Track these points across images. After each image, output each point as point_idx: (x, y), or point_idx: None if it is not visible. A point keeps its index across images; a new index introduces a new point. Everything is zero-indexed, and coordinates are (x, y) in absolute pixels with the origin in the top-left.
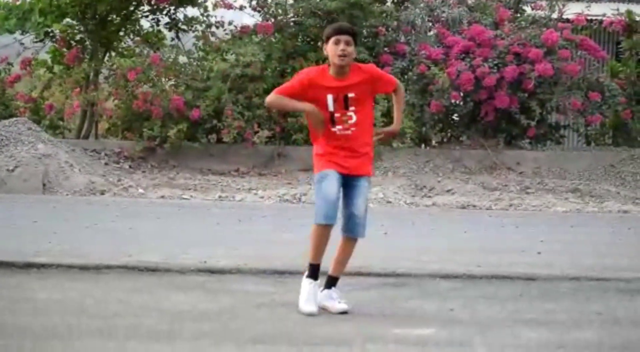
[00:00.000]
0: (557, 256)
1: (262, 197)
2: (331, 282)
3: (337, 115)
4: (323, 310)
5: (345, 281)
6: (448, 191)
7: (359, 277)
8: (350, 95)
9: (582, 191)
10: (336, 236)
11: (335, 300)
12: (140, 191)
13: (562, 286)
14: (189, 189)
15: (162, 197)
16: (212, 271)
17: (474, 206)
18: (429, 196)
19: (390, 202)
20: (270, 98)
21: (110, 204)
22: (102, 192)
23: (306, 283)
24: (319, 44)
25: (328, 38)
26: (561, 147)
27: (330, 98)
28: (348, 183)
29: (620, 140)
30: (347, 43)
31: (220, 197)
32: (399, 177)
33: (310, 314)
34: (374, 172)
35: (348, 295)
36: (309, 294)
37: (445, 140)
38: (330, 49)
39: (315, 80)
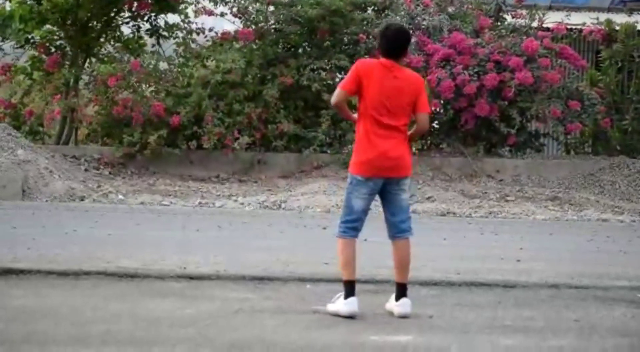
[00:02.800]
0: (536, 263)
1: (242, 204)
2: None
3: None
4: (313, 315)
5: (324, 287)
6: (428, 198)
7: (338, 283)
8: None
9: (561, 199)
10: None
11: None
12: (120, 197)
13: (540, 293)
14: (169, 195)
15: (142, 203)
16: (191, 277)
17: (454, 214)
18: (409, 203)
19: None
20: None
21: (90, 210)
22: (82, 199)
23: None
24: (300, 50)
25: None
26: (541, 156)
27: None
28: None
29: (599, 149)
30: None
31: (200, 203)
32: None
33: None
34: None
35: (327, 301)
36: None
37: (425, 147)
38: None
39: None
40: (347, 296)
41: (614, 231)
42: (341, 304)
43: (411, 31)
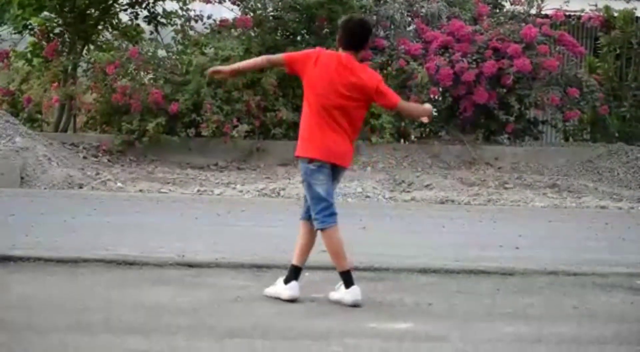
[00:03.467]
0: (535, 250)
1: (241, 192)
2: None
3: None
4: (310, 302)
5: (323, 275)
6: (427, 185)
7: (336, 271)
8: None
9: (560, 187)
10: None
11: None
12: (119, 184)
13: (539, 280)
14: (168, 183)
15: (141, 191)
16: (190, 265)
17: (453, 201)
18: (408, 191)
19: (368, 196)
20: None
21: (89, 198)
22: (80, 186)
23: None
24: (298, 38)
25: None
26: (539, 143)
27: None
28: None
29: (598, 136)
30: None
31: (199, 191)
32: (378, 171)
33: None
34: (352, 167)
35: (325, 289)
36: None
37: (424, 135)
38: None
39: None
40: (349, 285)
41: (612, 217)
42: (344, 293)
43: (410, 18)
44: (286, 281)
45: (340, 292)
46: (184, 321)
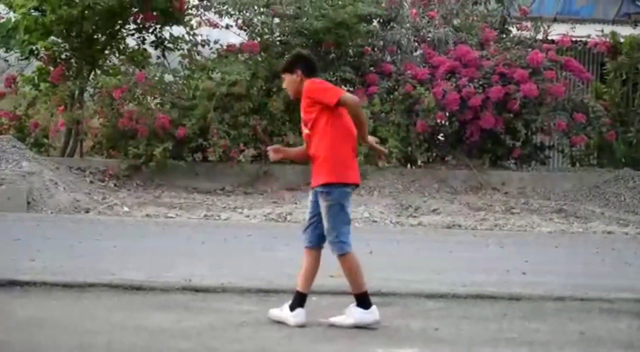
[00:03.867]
0: (542, 276)
1: (247, 216)
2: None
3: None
4: (318, 327)
5: (330, 299)
6: (433, 210)
7: (343, 296)
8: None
9: (566, 212)
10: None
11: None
12: (125, 209)
13: (546, 305)
14: (174, 208)
15: (147, 215)
16: (196, 290)
17: (459, 226)
18: (415, 216)
19: (375, 221)
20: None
21: (95, 223)
22: (87, 211)
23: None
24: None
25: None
26: (546, 168)
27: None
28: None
29: (604, 161)
30: (284, 78)
31: (205, 216)
32: (385, 196)
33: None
34: (359, 192)
35: (333, 314)
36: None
37: (430, 160)
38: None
39: None
40: (369, 306)
41: (619, 243)
42: (364, 315)
43: (417, 43)
44: (292, 308)
45: (355, 314)
46: (187, 345)
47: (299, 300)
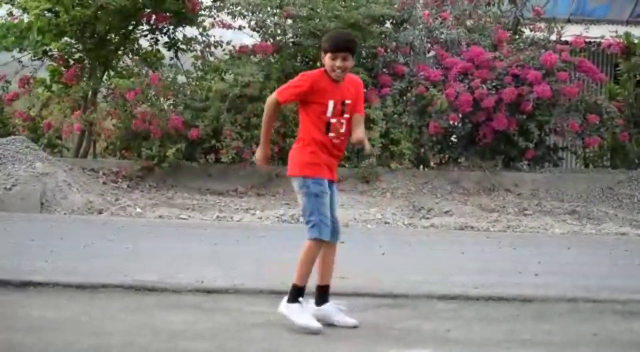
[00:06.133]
0: (554, 277)
1: (260, 218)
2: (325, 294)
3: (333, 121)
4: (330, 328)
5: (342, 301)
6: (446, 212)
7: (356, 297)
8: (347, 102)
9: (579, 213)
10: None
11: (342, 313)
12: (138, 210)
13: (558, 307)
14: (187, 209)
15: (160, 216)
16: (208, 291)
17: (472, 227)
18: (427, 217)
19: (388, 223)
20: (270, 103)
21: (108, 223)
22: (100, 212)
23: (295, 307)
24: (318, 64)
25: (326, 51)
26: (559, 169)
27: (331, 104)
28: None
29: (618, 162)
30: (344, 58)
31: (218, 217)
32: (397, 198)
33: (319, 331)
34: (371, 193)
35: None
36: (306, 312)
37: (443, 161)
38: (328, 63)
39: (321, 85)
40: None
41: (632, 244)
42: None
43: (429, 45)
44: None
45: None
46: (202, 346)
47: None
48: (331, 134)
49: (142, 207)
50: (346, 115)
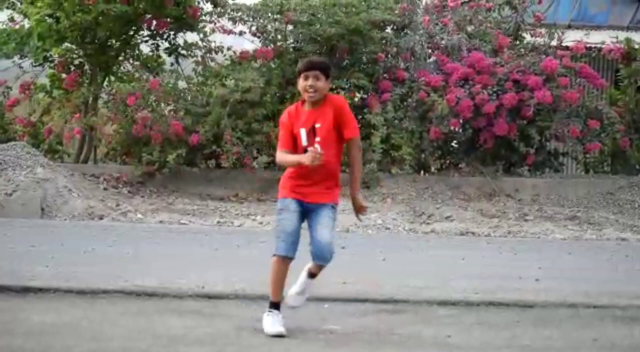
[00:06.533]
0: (555, 282)
1: (261, 223)
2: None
3: (309, 148)
4: (331, 334)
5: (342, 307)
6: (447, 217)
7: (356, 303)
8: (317, 125)
9: (580, 219)
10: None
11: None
12: (139, 215)
13: (559, 312)
14: (188, 214)
15: (161, 222)
16: (209, 296)
17: (473, 233)
18: (428, 223)
19: (388, 228)
20: (278, 158)
21: (109, 229)
22: (101, 217)
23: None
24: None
25: (299, 73)
26: (560, 175)
27: (303, 132)
28: (310, 210)
29: (618, 168)
30: (316, 78)
31: (219, 222)
32: (398, 203)
33: (279, 334)
34: (372, 198)
35: (345, 321)
36: (273, 321)
37: (444, 167)
38: (300, 85)
39: (292, 119)
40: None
41: (633, 250)
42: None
43: (430, 50)
44: None
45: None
46: (202, 351)
47: None
48: None
49: (142, 212)
50: (317, 139)
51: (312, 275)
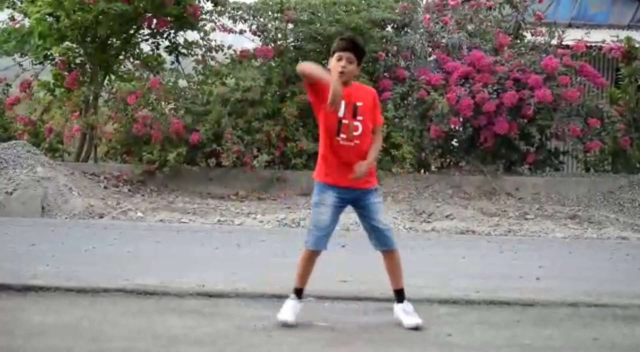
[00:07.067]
0: (555, 281)
1: (261, 222)
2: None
3: (344, 122)
4: (331, 332)
5: (343, 305)
6: (447, 216)
7: (357, 301)
8: (359, 104)
9: (580, 217)
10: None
11: (408, 314)
12: (139, 214)
13: (559, 312)
14: (188, 213)
15: (161, 220)
16: (210, 295)
17: (473, 232)
18: (428, 221)
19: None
20: (304, 65)
21: (109, 228)
22: (101, 216)
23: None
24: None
25: (334, 52)
26: (560, 174)
27: (342, 103)
28: (358, 199)
29: (619, 167)
30: (349, 60)
31: (219, 221)
32: (398, 202)
33: (285, 323)
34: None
35: (346, 319)
36: (288, 307)
37: (444, 165)
38: (333, 64)
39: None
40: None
41: (633, 249)
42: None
43: (430, 49)
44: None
45: None
46: (202, 351)
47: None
48: (342, 136)
49: (143, 211)
50: (359, 118)
51: None
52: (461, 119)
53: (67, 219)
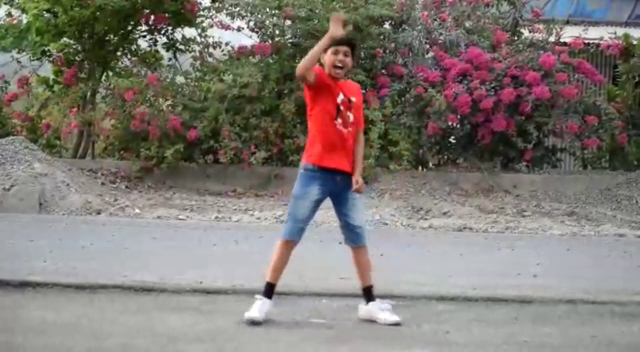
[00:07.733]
0: (553, 279)
1: (258, 218)
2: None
3: (342, 108)
4: (329, 329)
5: (340, 302)
6: (444, 213)
7: (354, 298)
8: (353, 99)
9: (578, 214)
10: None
11: (385, 311)
12: (137, 210)
13: (557, 309)
14: (186, 210)
15: (159, 217)
16: (208, 292)
17: (470, 229)
18: (426, 218)
19: (386, 224)
20: (300, 65)
21: (107, 224)
22: (99, 212)
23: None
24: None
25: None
26: (558, 171)
27: (340, 93)
28: (340, 192)
29: (616, 164)
30: (345, 54)
31: (216, 217)
32: (396, 199)
33: (252, 320)
34: (370, 194)
35: (344, 316)
36: (256, 306)
37: (442, 162)
38: (329, 59)
39: (328, 78)
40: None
41: (631, 246)
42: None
43: (428, 46)
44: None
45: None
46: (200, 349)
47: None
48: (339, 120)
49: (140, 207)
50: (349, 114)
51: None
52: (459, 116)
53: (64, 215)
